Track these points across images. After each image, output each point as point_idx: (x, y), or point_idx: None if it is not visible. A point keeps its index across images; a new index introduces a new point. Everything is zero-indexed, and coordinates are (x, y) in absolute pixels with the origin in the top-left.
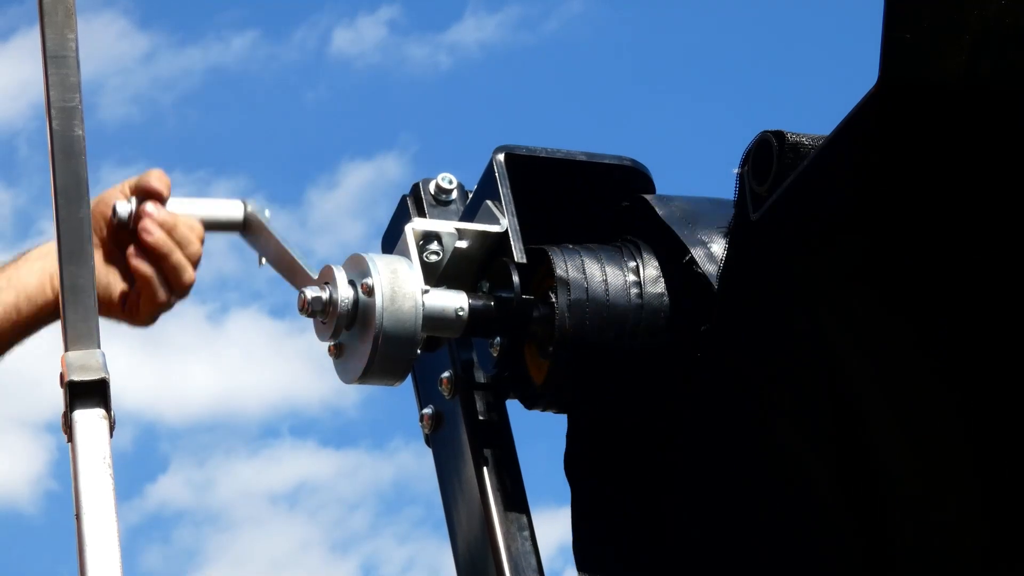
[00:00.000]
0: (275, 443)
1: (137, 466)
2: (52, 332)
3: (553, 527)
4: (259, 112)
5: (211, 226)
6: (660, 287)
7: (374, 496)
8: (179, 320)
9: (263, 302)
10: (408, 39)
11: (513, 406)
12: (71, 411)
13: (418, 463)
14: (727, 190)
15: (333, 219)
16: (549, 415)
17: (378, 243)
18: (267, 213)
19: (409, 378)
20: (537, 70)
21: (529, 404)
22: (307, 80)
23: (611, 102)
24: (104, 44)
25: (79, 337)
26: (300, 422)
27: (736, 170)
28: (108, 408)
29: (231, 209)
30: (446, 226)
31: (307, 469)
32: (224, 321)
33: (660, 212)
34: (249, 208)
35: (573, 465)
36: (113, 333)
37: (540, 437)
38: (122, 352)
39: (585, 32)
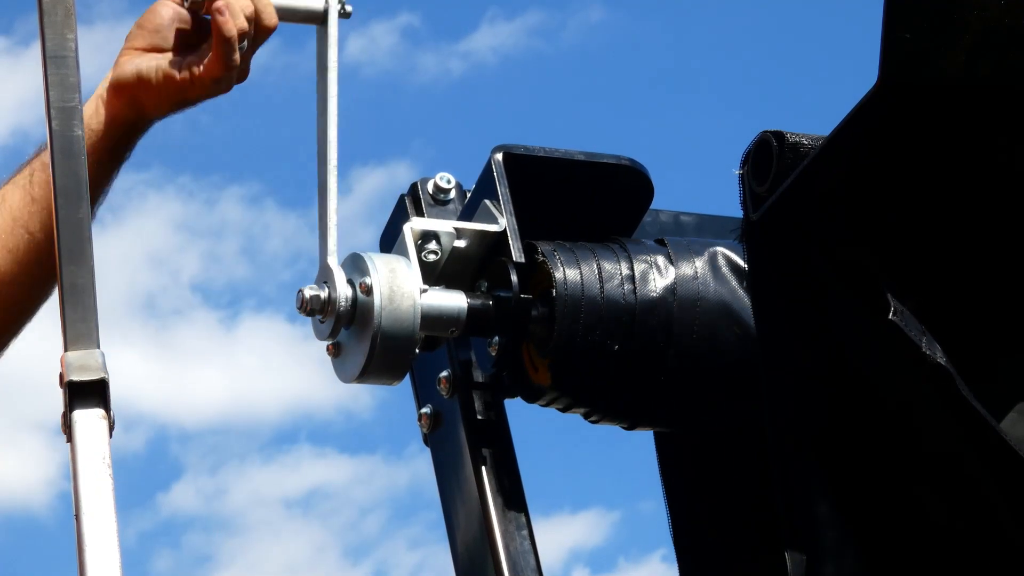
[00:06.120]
0: (289, 448)
1: (150, 472)
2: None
3: (561, 532)
4: (274, 119)
5: (288, 16)
6: (656, 288)
7: (389, 501)
8: (192, 325)
9: (277, 307)
10: (423, 46)
11: (512, 405)
12: (70, 411)
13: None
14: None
15: (345, 224)
16: (551, 416)
17: None
18: (348, 8)
19: (407, 377)
20: (552, 78)
21: (530, 399)
22: None
23: (625, 111)
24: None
25: (79, 337)
26: (314, 426)
27: (736, 171)
28: (108, 408)
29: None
30: (444, 225)
31: (321, 474)
32: (237, 326)
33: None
34: (332, 1)
35: (670, 483)
36: (122, 337)
37: (543, 438)
38: (136, 358)
39: (602, 41)
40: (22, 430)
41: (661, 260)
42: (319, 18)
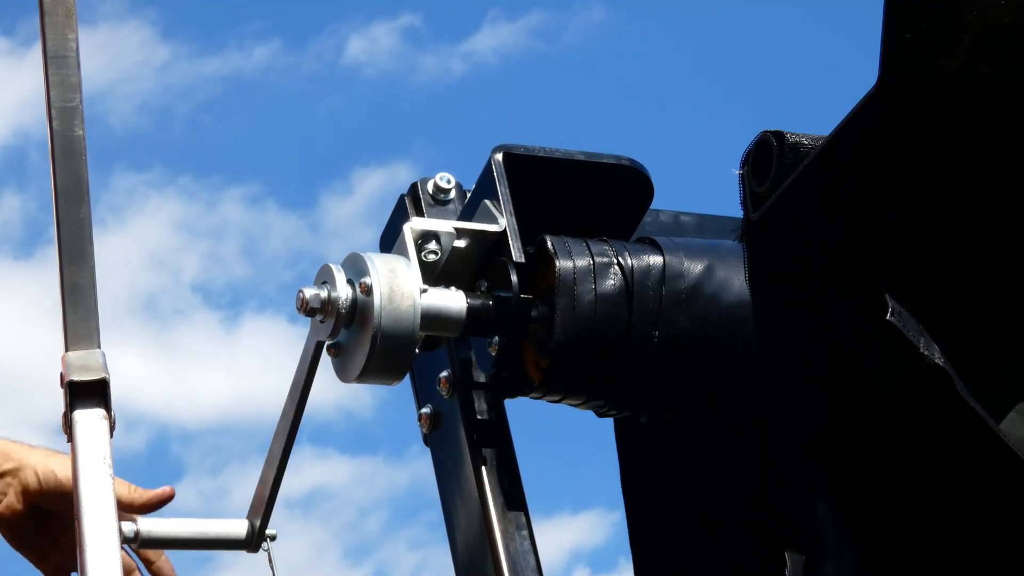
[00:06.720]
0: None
1: (151, 472)
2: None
3: (562, 532)
4: (275, 119)
5: (214, 545)
6: (652, 287)
7: (389, 501)
8: (193, 326)
9: (278, 307)
10: (424, 46)
11: (512, 405)
12: (71, 411)
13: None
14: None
15: (346, 224)
16: (551, 416)
17: None
18: (272, 532)
19: (407, 377)
20: (553, 78)
21: (526, 392)
22: (324, 87)
23: (626, 111)
24: (127, 51)
25: (79, 337)
26: (315, 427)
27: (736, 171)
28: (108, 408)
29: (235, 528)
30: (444, 225)
31: (322, 475)
32: (239, 326)
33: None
34: (256, 526)
35: (629, 480)
36: (123, 337)
37: (543, 438)
38: (137, 358)
39: (603, 42)
40: (22, 430)
41: (654, 260)
42: (245, 544)
